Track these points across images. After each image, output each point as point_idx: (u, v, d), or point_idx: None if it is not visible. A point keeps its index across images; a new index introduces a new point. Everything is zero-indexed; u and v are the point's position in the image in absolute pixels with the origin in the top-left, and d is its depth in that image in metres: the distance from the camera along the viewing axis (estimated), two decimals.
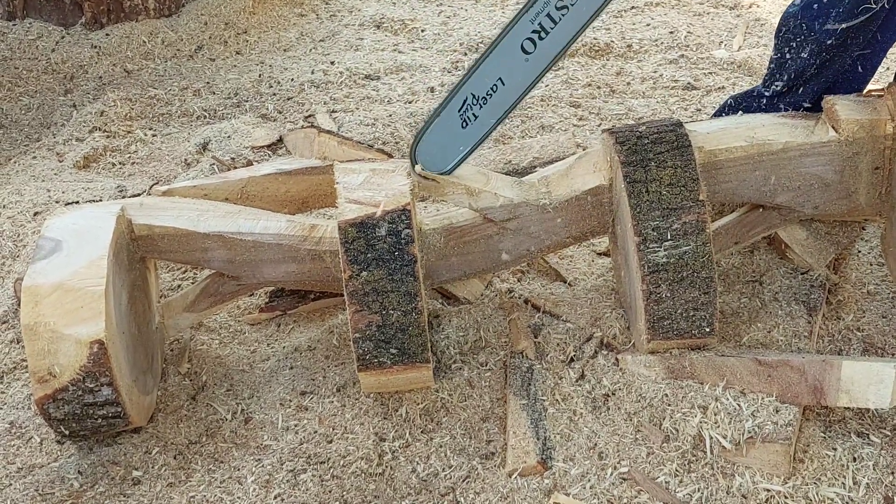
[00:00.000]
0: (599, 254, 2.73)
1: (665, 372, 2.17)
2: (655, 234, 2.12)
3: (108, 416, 2.07)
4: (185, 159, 3.27)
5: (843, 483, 2.01)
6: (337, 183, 2.23)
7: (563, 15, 2.16)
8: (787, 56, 2.47)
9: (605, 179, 2.28)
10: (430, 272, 2.30)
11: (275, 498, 2.05)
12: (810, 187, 2.32)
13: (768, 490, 2.00)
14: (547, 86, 3.70)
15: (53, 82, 3.93)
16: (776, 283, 2.48)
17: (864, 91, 2.55)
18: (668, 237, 2.12)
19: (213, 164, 3.16)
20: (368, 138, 3.29)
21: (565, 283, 2.61)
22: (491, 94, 2.23)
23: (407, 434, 2.18)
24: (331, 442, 2.16)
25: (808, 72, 2.45)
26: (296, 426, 2.21)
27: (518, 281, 2.61)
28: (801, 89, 2.48)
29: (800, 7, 2.42)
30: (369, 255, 2.10)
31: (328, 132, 3.18)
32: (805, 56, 2.43)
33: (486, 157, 3.05)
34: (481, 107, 2.24)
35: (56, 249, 2.10)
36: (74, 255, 2.07)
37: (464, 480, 2.08)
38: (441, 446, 2.15)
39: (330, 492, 2.06)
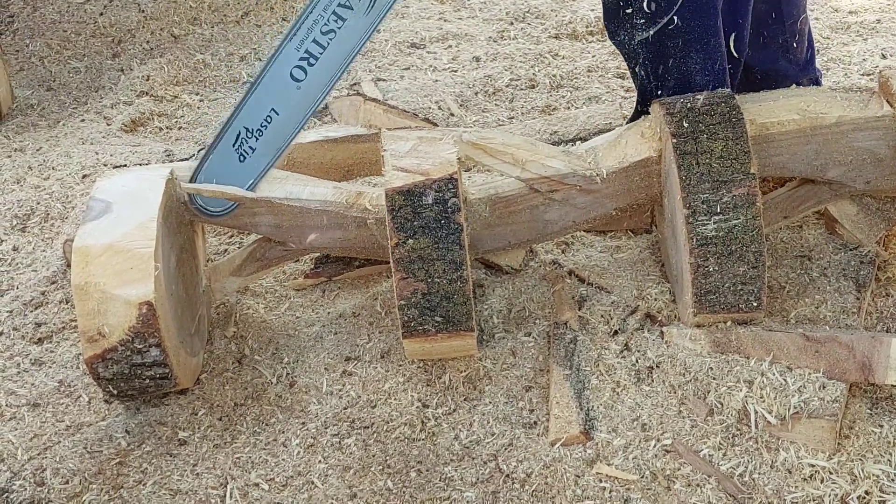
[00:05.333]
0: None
1: (711, 345, 2.16)
2: (705, 206, 2.10)
3: (156, 376, 2.09)
4: None
5: (888, 460, 1.99)
6: (384, 150, 2.23)
7: (330, 40, 2.13)
8: (632, 74, 2.44)
9: (654, 151, 2.26)
10: (475, 241, 2.30)
11: (319, 461, 2.07)
12: (862, 162, 2.29)
13: (813, 465, 1.99)
14: (594, 56, 3.68)
15: (101, 46, 3.96)
16: (825, 258, 2.46)
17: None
18: (718, 210, 2.10)
19: None
20: (413, 107, 3.29)
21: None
22: (266, 126, 2.19)
23: (450, 401, 2.19)
24: (374, 407, 2.18)
25: (648, 85, 2.40)
26: (340, 391, 2.22)
27: (562, 252, 2.61)
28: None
29: (606, 28, 2.37)
30: (416, 222, 2.11)
31: (374, 100, 3.17)
32: (639, 71, 2.39)
33: (532, 127, 3.03)
34: (257, 139, 2.20)
35: (106, 211, 2.12)
36: (124, 216, 2.09)
37: (506, 448, 2.09)
38: (484, 414, 2.16)
39: (373, 456, 2.08)
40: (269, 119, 2.19)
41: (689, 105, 2.18)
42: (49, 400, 2.26)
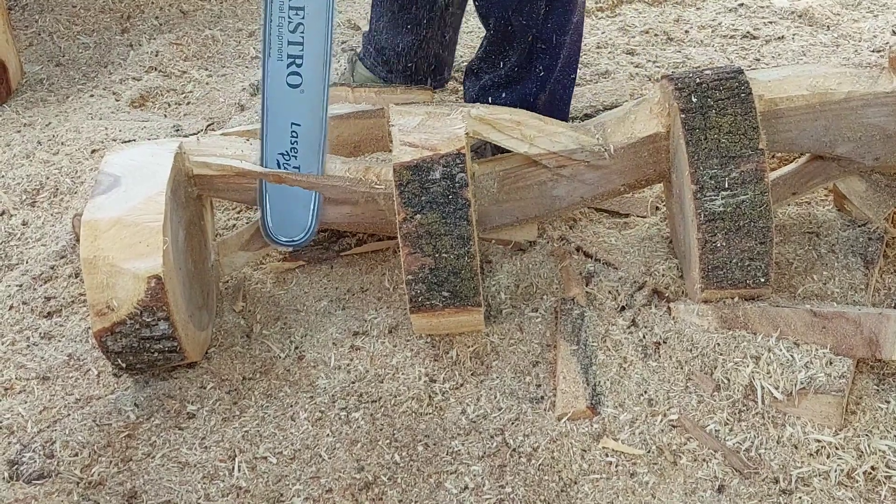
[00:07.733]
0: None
1: (718, 321, 2.16)
2: (713, 182, 2.10)
3: (165, 350, 2.10)
4: (240, 101, 3.28)
5: (895, 436, 1.99)
6: (392, 125, 2.23)
7: (302, 34, 2.12)
8: None
9: (663, 127, 2.25)
10: (482, 216, 2.30)
11: (327, 435, 2.08)
12: (871, 138, 2.28)
13: (819, 441, 1.99)
14: (603, 33, 3.66)
15: (110, 21, 3.95)
16: (833, 234, 2.45)
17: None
18: (726, 186, 2.09)
19: None
20: None
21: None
22: (296, 141, 2.20)
23: (457, 376, 2.20)
24: (382, 381, 2.19)
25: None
26: (348, 365, 2.23)
27: (570, 228, 2.61)
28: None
29: None
30: (423, 198, 2.11)
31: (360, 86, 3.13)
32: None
33: None
34: (295, 157, 2.21)
35: (115, 185, 2.12)
36: (133, 190, 2.10)
37: (513, 423, 2.09)
38: (491, 389, 2.17)
39: (381, 430, 2.09)
40: (294, 134, 2.20)
41: (697, 80, 2.18)
42: (58, 373, 2.27)
